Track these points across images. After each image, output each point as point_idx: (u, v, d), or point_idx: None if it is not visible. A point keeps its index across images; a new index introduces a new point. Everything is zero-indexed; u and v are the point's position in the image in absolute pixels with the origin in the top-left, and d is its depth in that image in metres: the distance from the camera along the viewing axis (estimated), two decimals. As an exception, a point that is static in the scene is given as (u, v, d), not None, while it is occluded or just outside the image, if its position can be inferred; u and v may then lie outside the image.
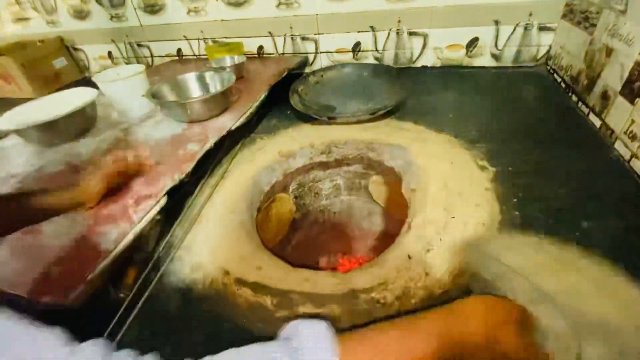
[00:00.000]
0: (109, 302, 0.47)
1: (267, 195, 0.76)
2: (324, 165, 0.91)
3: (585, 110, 0.77)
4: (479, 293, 0.39)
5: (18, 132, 0.71)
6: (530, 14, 0.95)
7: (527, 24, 0.97)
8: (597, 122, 0.72)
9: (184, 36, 1.29)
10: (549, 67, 1.00)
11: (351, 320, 0.42)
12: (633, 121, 0.60)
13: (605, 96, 0.70)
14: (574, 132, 0.72)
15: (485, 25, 1.00)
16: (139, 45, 1.38)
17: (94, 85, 0.82)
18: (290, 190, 0.93)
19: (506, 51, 1.03)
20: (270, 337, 0.41)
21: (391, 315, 0.42)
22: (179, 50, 1.34)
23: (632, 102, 0.61)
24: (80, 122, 0.76)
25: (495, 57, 1.05)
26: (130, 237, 0.49)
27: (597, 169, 0.62)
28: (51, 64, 1.41)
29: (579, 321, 0.33)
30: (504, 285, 0.37)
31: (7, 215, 0.41)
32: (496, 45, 1.03)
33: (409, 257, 0.48)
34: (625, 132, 0.63)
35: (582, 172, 0.61)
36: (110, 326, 0.45)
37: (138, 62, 1.42)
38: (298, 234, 1.04)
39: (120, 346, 0.38)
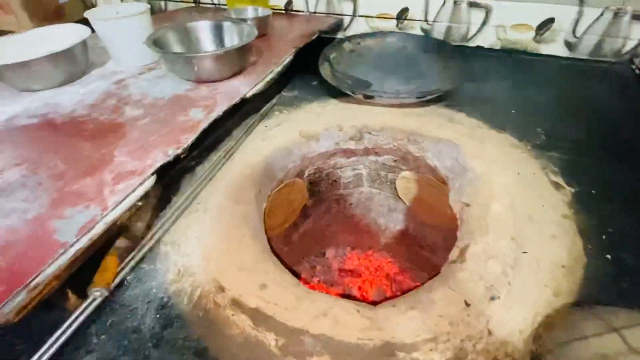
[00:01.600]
0: (66, 308, 0.36)
1: (280, 182, 0.64)
2: (349, 152, 0.77)
3: (689, 125, 0.61)
4: None
5: (-11, 69, 0.58)
6: (628, -3, 0.76)
7: (618, 9, 0.79)
8: None
9: (203, -21, 1.12)
10: (634, 66, 0.82)
11: (383, 389, 0.30)
12: None
13: None
14: (674, 152, 0.57)
15: (565, 4, 0.81)
16: (152, -15, 1.21)
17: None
18: (306, 174, 0.80)
19: (585, 40, 0.85)
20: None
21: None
22: (197, -5, 1.17)
23: None
24: (66, 66, 0.63)
25: (570, 45, 0.87)
26: (99, 227, 0.37)
27: None
28: (54, -3, 1.25)
29: None
30: None
31: None
32: (574, 32, 0.84)
33: (467, 303, 0.35)
34: None
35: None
36: (61, 339, 0.34)
37: (151, 5, 1.26)
38: (307, 221, 0.93)
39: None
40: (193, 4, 1.19)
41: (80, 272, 0.36)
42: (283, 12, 1.07)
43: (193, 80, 0.63)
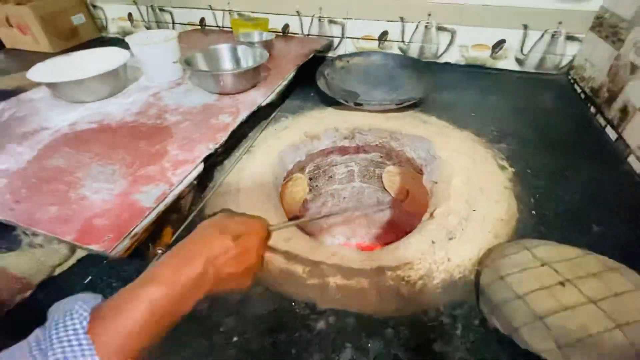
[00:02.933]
0: (148, 257, 0.49)
1: (291, 172, 0.79)
2: (343, 150, 0.93)
3: (603, 122, 0.80)
4: (488, 312, 0.42)
5: (51, 85, 0.72)
6: (560, 22, 0.96)
7: (555, 31, 0.99)
8: (614, 135, 0.75)
9: (209, 5, 1.28)
10: (570, 77, 1.02)
11: (379, 294, 0.45)
12: (650, 137, 0.64)
13: (624, 111, 0.73)
14: (590, 143, 0.75)
15: (513, 28, 1.01)
16: (161, 9, 1.36)
17: (111, 44, 0.83)
18: (307, 171, 0.95)
19: (530, 57, 1.05)
20: (301, 301, 0.44)
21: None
22: (202, 19, 1.32)
23: (652, 119, 0.64)
24: (112, 83, 0.76)
25: (519, 61, 1.07)
26: (170, 197, 0.51)
27: (609, 179, 0.65)
28: (69, 19, 1.38)
29: (569, 338, 0.36)
30: (508, 309, 0.39)
31: None
32: (522, 50, 1.04)
33: (433, 242, 0.51)
34: (640, 147, 0.66)
35: (596, 180, 0.64)
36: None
37: (159, 28, 1.41)
38: (306, 214, 1.07)
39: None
40: (199, 27, 1.35)
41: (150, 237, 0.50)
42: (281, 34, 1.24)
43: (217, 93, 0.78)
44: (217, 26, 1.32)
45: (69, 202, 0.50)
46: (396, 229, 1.09)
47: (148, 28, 1.42)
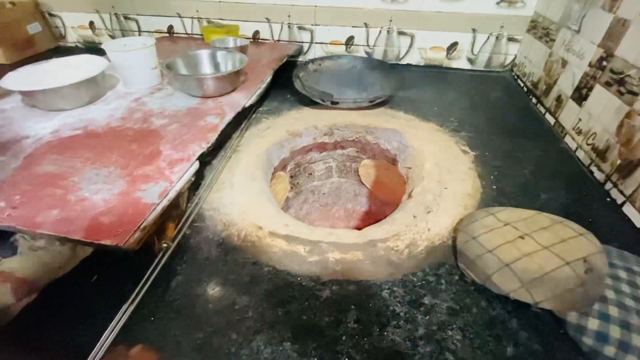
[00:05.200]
0: (154, 251, 0.52)
1: (275, 169, 0.83)
2: (322, 147, 0.99)
3: (543, 110, 0.93)
4: (465, 267, 0.50)
5: (27, 93, 0.71)
6: (502, 26, 1.11)
7: (498, 34, 1.13)
8: (552, 120, 0.88)
9: (177, 13, 1.29)
10: (514, 73, 1.17)
11: (373, 263, 0.51)
12: (580, 119, 0.76)
13: (559, 99, 0.86)
14: (534, 127, 0.88)
15: (464, 32, 1.14)
16: (126, 17, 1.35)
17: (71, 54, 0.82)
18: (288, 169, 1.00)
19: (480, 56, 1.18)
20: (306, 276, 0.49)
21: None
22: (171, 27, 1.33)
23: (579, 105, 0.77)
24: (92, 90, 0.77)
25: (470, 61, 1.20)
26: (172, 192, 0.53)
27: (551, 156, 0.77)
28: (24, 28, 1.32)
29: (530, 277, 0.44)
30: (480, 262, 0.48)
31: None
32: (472, 51, 1.17)
33: (414, 216, 0.58)
34: (573, 129, 0.79)
35: (540, 158, 0.76)
36: (156, 271, 0.50)
37: (124, 36, 1.39)
38: (289, 212, 1.11)
39: (169, 287, 0.44)
40: (167, 34, 1.35)
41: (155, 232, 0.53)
42: (251, 40, 1.28)
43: (200, 96, 0.81)
44: (186, 33, 1.34)
45: (69, 204, 0.51)
46: (374, 219, 1.16)
47: (112, 37, 1.40)
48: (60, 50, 1.44)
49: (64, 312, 0.46)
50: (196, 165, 0.60)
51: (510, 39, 1.13)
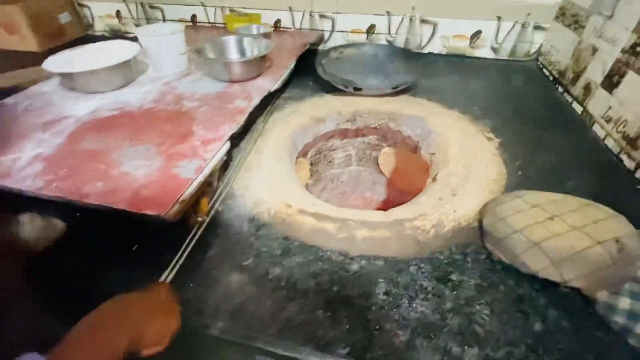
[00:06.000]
0: (189, 225, 0.54)
1: (300, 153, 0.85)
2: (343, 134, 1.00)
3: (569, 99, 0.92)
4: (492, 247, 0.50)
5: (67, 75, 0.74)
6: (528, 14, 1.08)
7: (524, 22, 1.11)
8: (579, 109, 0.87)
9: (201, 2, 1.31)
10: (539, 62, 1.14)
11: (400, 241, 0.53)
12: (610, 107, 0.75)
13: (587, 88, 0.85)
14: (560, 116, 0.87)
15: (488, 20, 1.12)
16: (151, 6, 1.38)
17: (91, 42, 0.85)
18: (309, 156, 1.02)
19: (504, 45, 1.16)
20: (335, 251, 0.51)
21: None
22: (194, 16, 1.35)
23: (610, 92, 0.76)
24: (125, 73, 0.80)
25: (494, 49, 1.18)
26: (207, 169, 0.56)
27: (578, 144, 0.76)
28: (56, 17, 1.37)
29: (560, 256, 0.45)
30: (509, 242, 0.48)
31: None
32: (496, 39, 1.16)
33: (440, 198, 0.59)
34: (602, 117, 0.77)
35: (567, 145, 0.75)
36: (193, 243, 0.52)
37: (149, 24, 1.42)
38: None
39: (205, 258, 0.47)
40: (190, 23, 1.38)
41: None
42: (273, 28, 1.29)
43: (227, 81, 0.83)
44: (209, 22, 1.36)
45: (112, 177, 0.54)
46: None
47: (137, 25, 1.43)
48: (89, 39, 1.48)
49: (107, 278, 0.49)
50: (228, 144, 0.62)
51: (537, 27, 1.11)
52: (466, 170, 0.66)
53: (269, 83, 0.84)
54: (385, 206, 1.22)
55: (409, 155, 0.96)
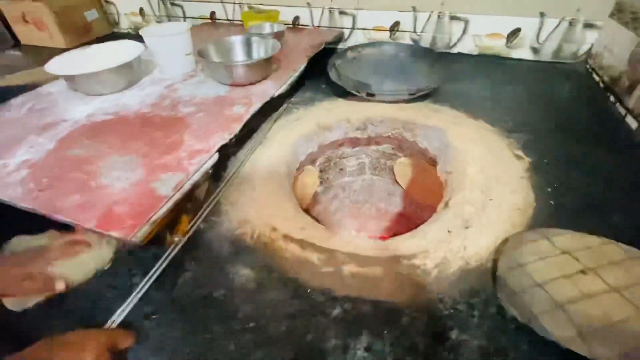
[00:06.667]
0: (165, 244, 0.50)
1: (302, 164, 0.79)
2: (354, 142, 0.92)
3: (623, 111, 0.78)
4: (506, 300, 0.42)
5: (68, 78, 0.73)
6: (578, 10, 0.94)
7: (572, 19, 0.96)
8: (634, 124, 0.73)
9: (220, -1, 1.28)
10: (588, 66, 0.99)
11: (394, 282, 0.45)
12: (674, 125, 0.62)
13: (646, 99, 0.71)
14: (610, 131, 0.74)
15: (529, 17, 0.99)
16: (172, 4, 1.37)
17: (125, 39, 0.84)
18: (317, 163, 0.95)
19: (547, 45, 1.02)
20: (317, 288, 0.44)
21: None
22: (213, 13, 1.33)
23: (676, 106, 0.62)
24: (127, 75, 0.77)
25: (535, 50, 1.04)
26: (187, 185, 0.51)
27: (630, 167, 0.64)
28: (83, 15, 1.40)
29: (591, 325, 0.35)
30: (526, 297, 0.39)
31: None
32: (537, 38, 1.02)
33: (449, 231, 0.51)
34: (663, 136, 0.64)
35: (616, 169, 0.63)
36: (164, 265, 0.48)
37: (170, 22, 1.41)
38: (317, 207, 1.07)
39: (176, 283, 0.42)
40: (209, 20, 1.35)
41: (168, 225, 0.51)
42: (291, 26, 1.24)
43: (230, 84, 0.78)
44: (228, 19, 1.32)
45: (90, 190, 0.51)
46: (407, 222, 1.09)
47: (159, 22, 1.43)
48: (115, 37, 1.51)
49: (74, 301, 0.46)
50: (215, 157, 0.58)
51: (588, 25, 0.96)
52: (485, 196, 0.57)
53: (273, 87, 0.78)
54: (401, 219, 1.14)
55: (427, 168, 0.87)
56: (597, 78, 0.93)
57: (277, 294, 0.45)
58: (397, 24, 1.11)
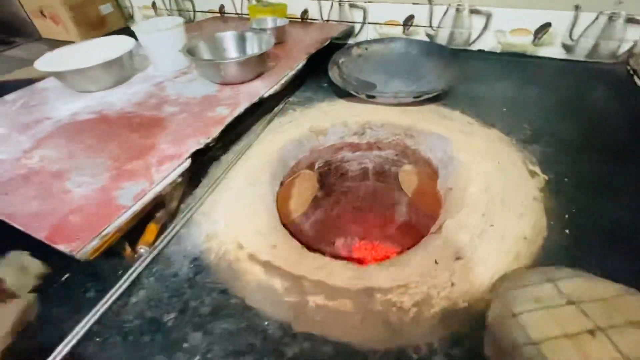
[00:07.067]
0: (123, 257, 0.47)
1: (292, 170, 0.73)
2: (355, 147, 0.86)
3: (668, 122, 0.66)
4: (493, 356, 0.34)
5: (57, 75, 0.71)
6: (620, 2, 0.81)
7: (612, 13, 0.84)
8: (681, 139, 0.61)
9: (228, -9, 1.24)
10: (629, 67, 0.86)
11: (364, 320, 0.39)
12: None
13: (699, 109, 0.59)
14: (650, 147, 0.63)
15: (562, 10, 0.87)
16: (182, -3, 1.35)
17: (134, 34, 0.81)
18: (316, 167, 0.90)
19: (581, 43, 0.90)
20: (275, 321, 0.39)
21: (407, 322, 0.38)
22: (222, 6, 1.29)
23: None
24: (117, 72, 0.75)
25: (567, 48, 0.92)
26: (149, 196, 0.48)
27: (671, 193, 0.53)
28: (98, 9, 1.41)
29: None
30: (516, 356, 0.32)
31: None
32: (570, 35, 0.90)
33: (436, 262, 0.44)
34: None
35: (653, 195, 0.53)
36: (127, 282, 0.45)
37: (180, 15, 1.40)
38: (318, 212, 1.02)
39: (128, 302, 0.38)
40: (219, 14, 1.32)
41: (131, 234, 0.47)
42: (299, 20, 1.18)
43: (220, 83, 0.74)
44: (236, 13, 1.29)
45: (52, 195, 0.48)
46: (412, 231, 1.01)
47: (160, 16, 1.42)
48: (129, 31, 1.51)
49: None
50: (186, 164, 0.53)
51: (630, 20, 0.83)
52: (486, 221, 0.49)
53: (264, 87, 0.73)
54: (406, 228, 1.06)
55: (433, 177, 0.79)
56: (639, 82, 0.80)
57: (231, 324, 0.40)
58: (411, 17, 1.02)
